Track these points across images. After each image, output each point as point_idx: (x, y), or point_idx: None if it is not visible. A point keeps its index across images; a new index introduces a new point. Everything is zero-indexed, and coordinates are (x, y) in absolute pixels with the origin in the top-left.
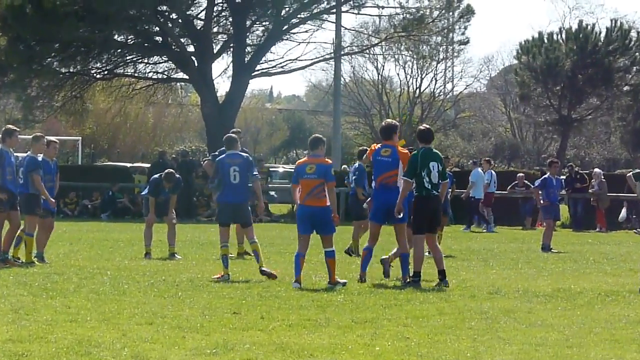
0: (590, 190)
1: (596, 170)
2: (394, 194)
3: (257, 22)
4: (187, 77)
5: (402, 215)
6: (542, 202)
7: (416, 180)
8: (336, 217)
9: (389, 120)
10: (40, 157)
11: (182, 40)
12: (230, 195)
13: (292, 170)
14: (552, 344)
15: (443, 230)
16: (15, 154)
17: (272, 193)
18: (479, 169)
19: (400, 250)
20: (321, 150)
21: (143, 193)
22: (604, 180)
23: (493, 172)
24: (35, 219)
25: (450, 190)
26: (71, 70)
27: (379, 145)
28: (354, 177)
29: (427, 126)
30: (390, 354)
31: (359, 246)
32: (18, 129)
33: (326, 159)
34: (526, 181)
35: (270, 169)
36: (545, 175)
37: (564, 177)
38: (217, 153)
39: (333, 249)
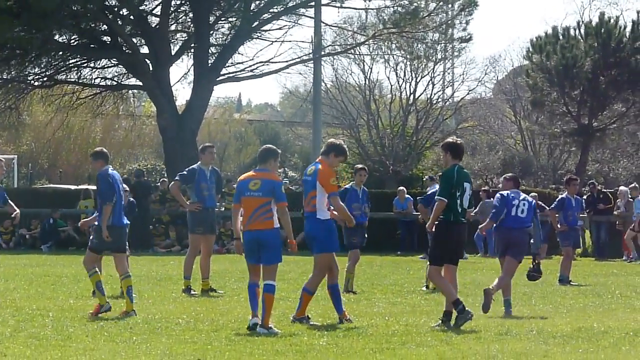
0: (615, 212)
1: (622, 188)
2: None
3: (222, 18)
4: (140, 83)
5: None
6: (559, 226)
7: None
8: (292, 243)
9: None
10: None
11: (134, 40)
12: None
13: None
14: None
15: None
16: None
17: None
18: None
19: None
20: (271, 165)
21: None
22: (631, 199)
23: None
24: None
25: None
26: (4, 77)
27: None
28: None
29: (458, 140)
30: None
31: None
32: None
33: (275, 175)
34: (540, 202)
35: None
36: (563, 195)
37: (585, 197)
38: (185, 172)
39: (273, 283)
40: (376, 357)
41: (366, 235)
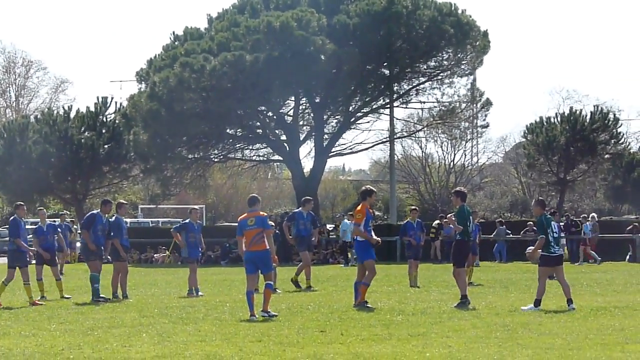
0: (582, 233)
1: (593, 214)
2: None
3: (332, 116)
4: (281, 158)
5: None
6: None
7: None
8: (275, 258)
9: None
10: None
11: (276, 131)
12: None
13: None
14: (558, 348)
15: (473, 266)
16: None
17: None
18: (346, 220)
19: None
20: (257, 206)
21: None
22: (597, 222)
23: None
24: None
25: (477, 236)
26: (195, 156)
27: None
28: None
29: (464, 189)
30: (437, 358)
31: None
32: (126, 202)
33: (261, 212)
34: (535, 227)
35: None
36: None
37: (563, 224)
38: (291, 214)
39: (271, 283)
40: (433, 327)
41: (420, 251)
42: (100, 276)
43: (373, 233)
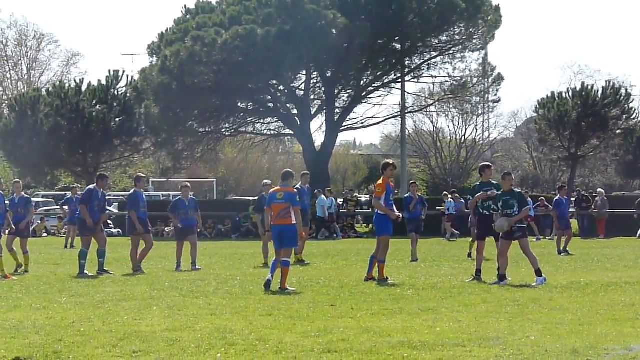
0: (593, 207)
1: (599, 190)
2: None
3: (343, 91)
4: (292, 132)
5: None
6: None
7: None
8: (302, 234)
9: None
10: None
11: (287, 105)
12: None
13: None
14: (568, 323)
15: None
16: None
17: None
18: (323, 197)
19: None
20: (289, 182)
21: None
22: (605, 198)
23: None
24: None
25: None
26: (207, 130)
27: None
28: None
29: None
30: (448, 333)
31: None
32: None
33: (292, 188)
34: (546, 203)
35: (357, 198)
36: (557, 197)
37: (574, 199)
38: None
39: (289, 260)
40: (443, 302)
41: (421, 225)
42: (109, 249)
43: (395, 207)
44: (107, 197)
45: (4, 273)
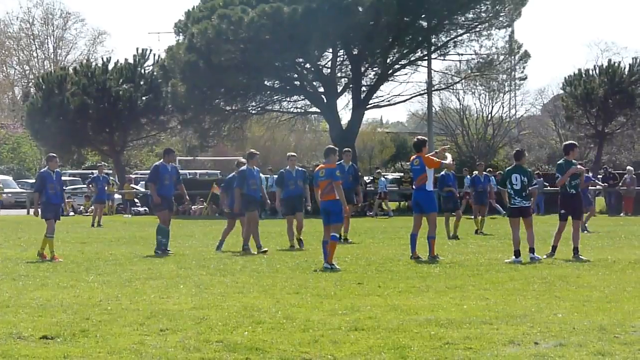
0: (620, 184)
1: (629, 167)
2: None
3: (370, 68)
4: (318, 110)
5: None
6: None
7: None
8: (346, 209)
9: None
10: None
11: (314, 83)
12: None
13: (399, 177)
14: (596, 301)
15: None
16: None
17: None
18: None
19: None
20: (331, 158)
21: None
22: (634, 176)
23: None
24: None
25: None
26: (233, 108)
27: (413, 157)
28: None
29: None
30: (475, 311)
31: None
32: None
33: (332, 164)
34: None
35: (384, 175)
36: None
37: (601, 176)
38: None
39: (336, 235)
40: (470, 280)
41: (459, 203)
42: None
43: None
44: (178, 171)
45: (53, 254)
